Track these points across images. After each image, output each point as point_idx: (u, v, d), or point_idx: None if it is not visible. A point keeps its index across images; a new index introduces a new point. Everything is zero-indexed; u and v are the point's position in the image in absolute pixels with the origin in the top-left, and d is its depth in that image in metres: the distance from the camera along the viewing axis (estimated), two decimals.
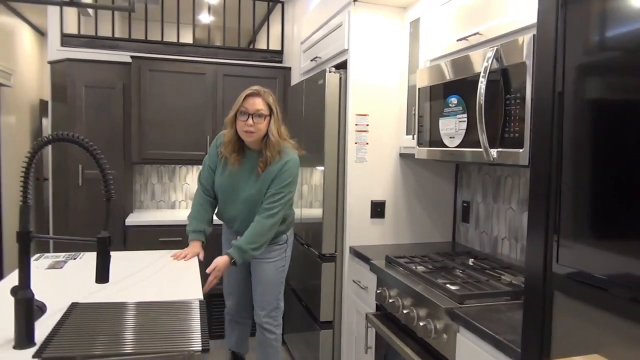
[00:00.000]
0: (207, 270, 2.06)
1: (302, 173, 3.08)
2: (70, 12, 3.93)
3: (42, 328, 1.35)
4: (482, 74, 1.65)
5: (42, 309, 1.30)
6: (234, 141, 2.31)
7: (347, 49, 2.54)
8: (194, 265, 2.17)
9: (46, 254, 2.25)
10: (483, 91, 1.64)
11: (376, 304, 2.21)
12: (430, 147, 2.10)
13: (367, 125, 2.57)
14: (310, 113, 2.91)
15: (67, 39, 3.74)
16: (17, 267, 1.24)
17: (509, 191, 2.30)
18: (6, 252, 4.48)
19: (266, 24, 4.49)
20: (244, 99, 2.25)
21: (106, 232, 1.22)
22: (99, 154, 1.18)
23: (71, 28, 3.91)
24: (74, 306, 1.54)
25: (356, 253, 2.52)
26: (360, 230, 2.62)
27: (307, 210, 2.99)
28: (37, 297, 1.35)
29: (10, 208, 4.56)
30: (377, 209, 2.63)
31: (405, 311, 1.86)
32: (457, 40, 1.97)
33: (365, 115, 2.56)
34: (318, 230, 2.71)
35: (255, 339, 2.55)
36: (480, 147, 1.69)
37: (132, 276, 1.97)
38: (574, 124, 1.05)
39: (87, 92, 3.55)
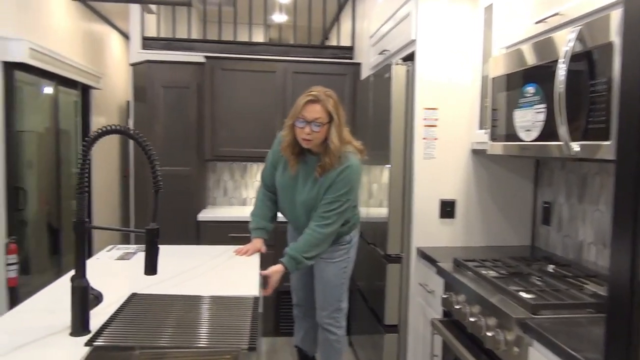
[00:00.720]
0: (262, 274, 2.02)
1: (369, 171, 2.99)
2: (150, 16, 4.13)
3: (101, 316, 1.39)
4: (561, 59, 1.47)
5: (98, 298, 1.33)
6: (293, 145, 2.23)
7: (414, 40, 2.42)
8: (254, 261, 2.17)
9: (118, 246, 2.35)
10: (563, 77, 1.47)
11: (443, 309, 2.08)
12: (505, 141, 1.93)
13: (436, 119, 2.43)
14: (377, 108, 2.81)
15: (147, 42, 3.93)
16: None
17: (596, 190, 2.06)
18: (95, 242, 4.79)
19: (337, 20, 4.44)
20: (303, 106, 2.15)
21: (155, 224, 1.22)
22: (148, 145, 1.19)
23: (151, 31, 4.10)
24: (132, 296, 1.58)
25: (423, 255, 2.39)
26: (428, 230, 2.48)
27: (374, 209, 2.90)
28: (102, 286, 1.38)
29: (100, 203, 4.87)
30: (447, 209, 2.47)
31: (472, 319, 1.72)
32: (535, 23, 1.78)
33: (434, 109, 2.42)
34: (383, 230, 2.61)
35: (318, 338, 2.50)
36: (560, 141, 1.51)
37: (194, 269, 2.00)
38: None
39: (164, 92, 3.70)
